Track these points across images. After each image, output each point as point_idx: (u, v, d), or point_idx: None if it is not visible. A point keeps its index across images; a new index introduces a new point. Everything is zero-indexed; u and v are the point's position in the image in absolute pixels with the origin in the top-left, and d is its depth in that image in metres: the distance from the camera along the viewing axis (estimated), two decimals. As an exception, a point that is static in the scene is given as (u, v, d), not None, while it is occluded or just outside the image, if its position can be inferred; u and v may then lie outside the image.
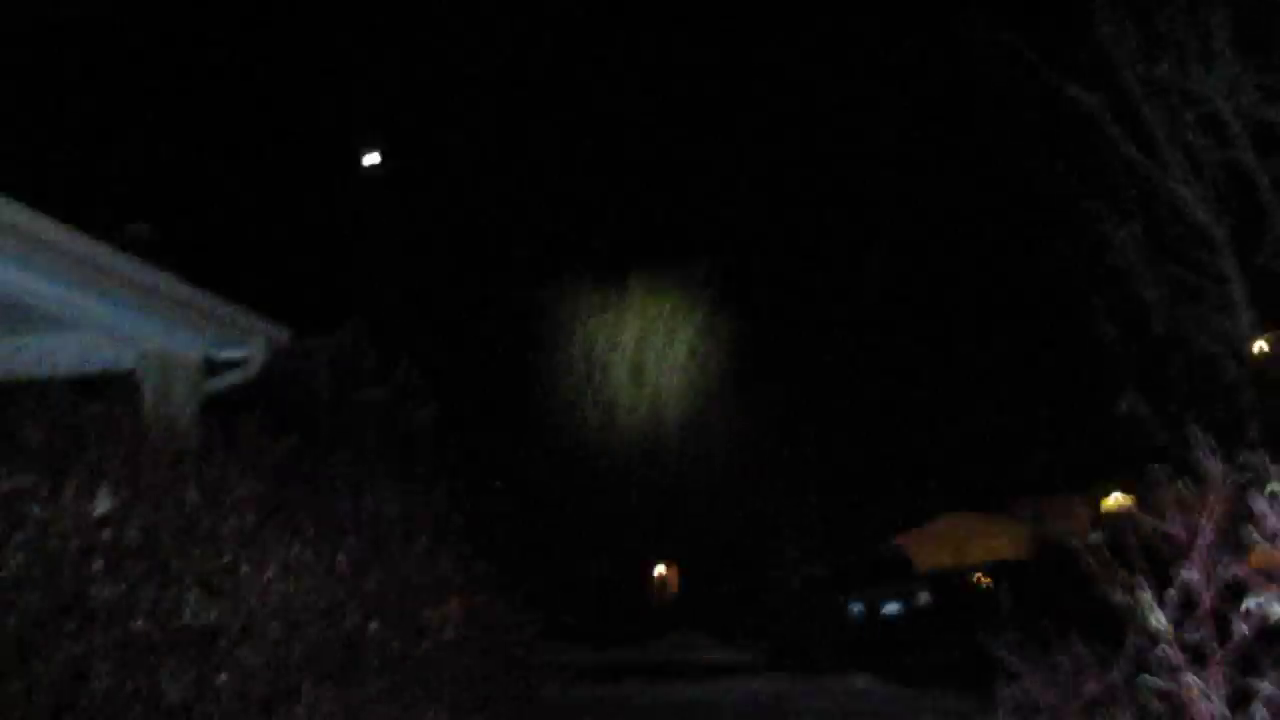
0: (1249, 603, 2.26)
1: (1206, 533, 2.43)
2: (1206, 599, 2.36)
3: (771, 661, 19.04)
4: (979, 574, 23.38)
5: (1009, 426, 28.39)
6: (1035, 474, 28.63)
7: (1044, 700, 3.26)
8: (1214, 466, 2.53)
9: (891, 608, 20.85)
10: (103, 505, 4.10)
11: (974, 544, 29.13)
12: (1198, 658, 2.35)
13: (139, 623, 3.88)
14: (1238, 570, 2.35)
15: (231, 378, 7.89)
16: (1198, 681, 2.28)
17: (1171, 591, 2.47)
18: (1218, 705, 2.27)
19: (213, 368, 7.85)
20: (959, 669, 13.72)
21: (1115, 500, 27.30)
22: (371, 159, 26.98)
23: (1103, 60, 10.67)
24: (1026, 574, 19.31)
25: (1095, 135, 10.74)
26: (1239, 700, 2.28)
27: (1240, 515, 2.34)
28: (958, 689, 12.33)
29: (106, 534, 4.07)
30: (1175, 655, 2.38)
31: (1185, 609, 2.43)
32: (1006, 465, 29.34)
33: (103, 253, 6.19)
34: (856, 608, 21.39)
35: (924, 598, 20.76)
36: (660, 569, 28.83)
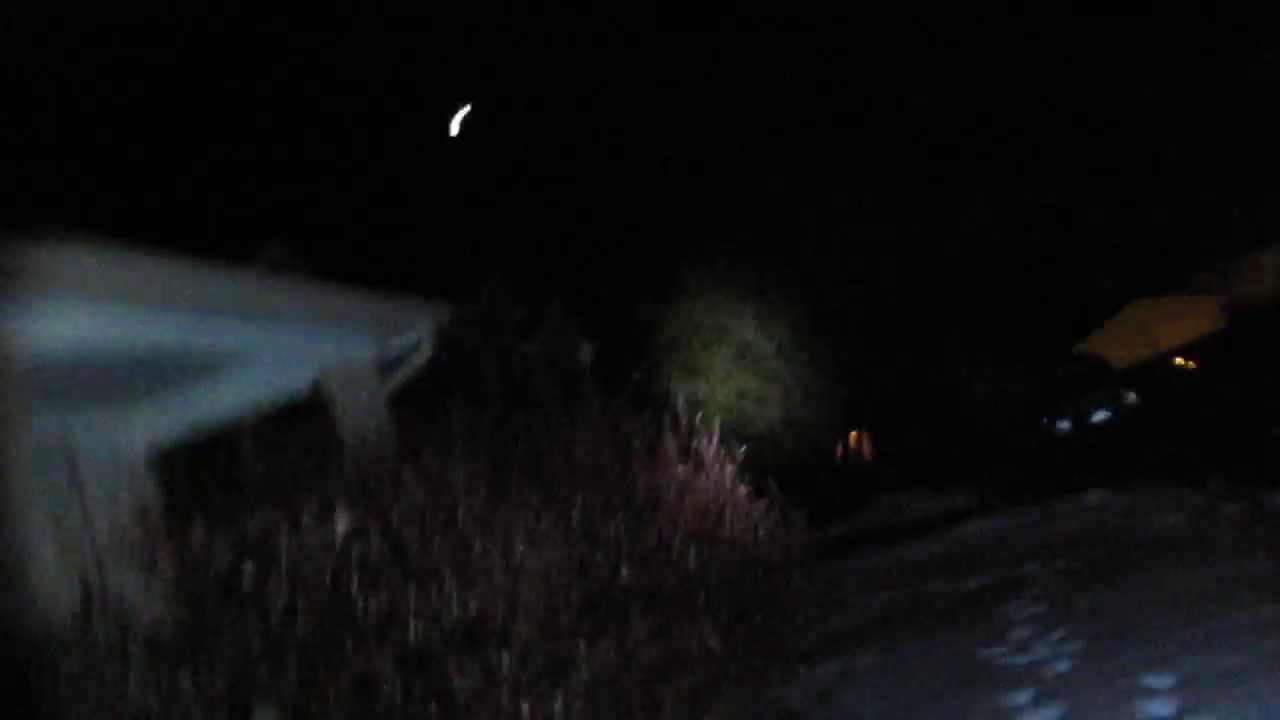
0: None
1: None
2: None
3: (990, 501, 18.73)
4: (1179, 358, 22.42)
5: (1179, 193, 26.52)
6: (1214, 239, 26.93)
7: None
8: None
9: (1100, 415, 20.18)
10: (342, 524, 4.18)
11: (1165, 328, 27.90)
12: None
13: (412, 626, 3.95)
14: None
15: (407, 369, 8.00)
16: None
17: None
18: None
19: (388, 364, 7.97)
20: (1188, 464, 13.22)
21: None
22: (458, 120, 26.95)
23: None
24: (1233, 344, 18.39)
25: None
26: None
27: None
28: (1190, 488, 11.85)
29: (354, 550, 4.15)
30: None
31: None
32: (1181, 238, 27.65)
33: (262, 285, 6.28)
34: (1063, 424, 20.79)
35: (1131, 398, 20.02)
36: (853, 434, 28.65)
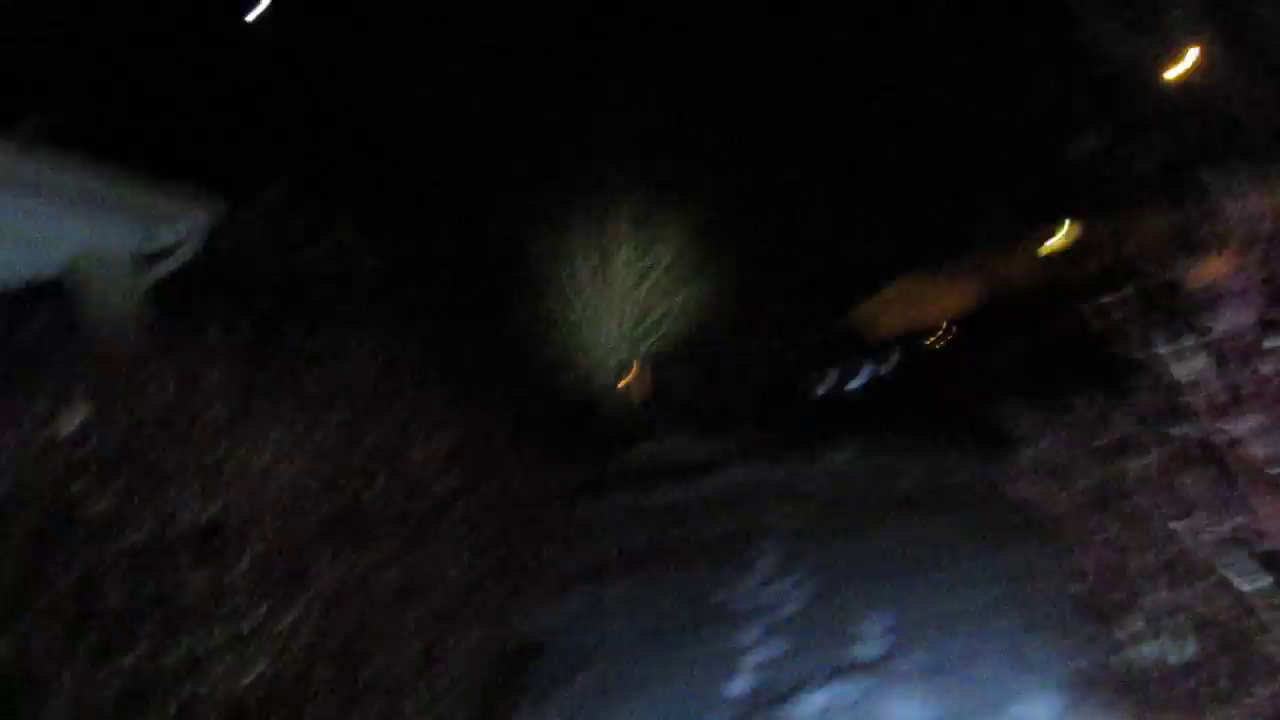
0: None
1: (1242, 274, 2.37)
2: (1246, 337, 2.32)
3: (748, 450, 19.49)
4: (936, 333, 23.84)
5: (950, 179, 28.30)
6: (981, 227, 28.76)
7: (1060, 454, 3.29)
8: (1241, 200, 2.45)
9: (857, 380, 21.30)
10: (73, 421, 3.96)
11: (928, 305, 29.60)
12: (1238, 398, 2.34)
13: (140, 532, 3.81)
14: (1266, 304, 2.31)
15: (170, 264, 7.61)
16: (1250, 422, 2.27)
17: (1194, 338, 2.43)
18: (1267, 438, 2.26)
19: (149, 255, 7.55)
20: (931, 427, 14.18)
21: (1062, 235, 27.55)
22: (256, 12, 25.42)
23: None
24: (982, 320, 19.66)
25: None
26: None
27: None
28: (933, 447, 12.77)
29: (84, 449, 3.95)
30: (1218, 396, 2.36)
31: (1215, 354, 2.41)
32: (951, 221, 29.45)
33: (7, 158, 5.82)
34: (822, 385, 21.84)
35: (886, 366, 21.21)
36: (630, 375, 29.16)
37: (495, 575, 6.62)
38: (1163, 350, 2.48)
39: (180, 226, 7.40)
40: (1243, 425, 2.25)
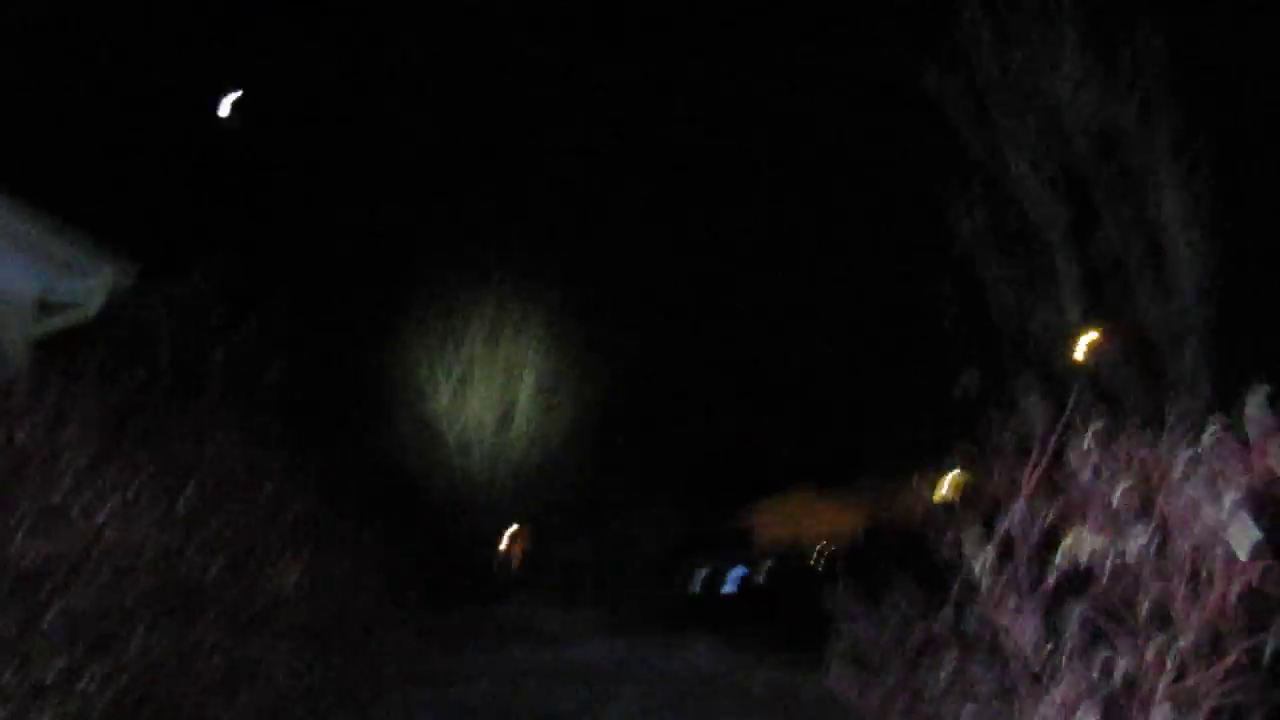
0: (1064, 544, 2.41)
1: (1030, 481, 2.59)
2: (1026, 542, 2.52)
3: (613, 627, 19.26)
4: (819, 547, 24.13)
5: (853, 407, 29.20)
6: (876, 454, 29.51)
7: (872, 647, 3.43)
8: (1041, 415, 2.69)
9: (732, 578, 21.35)
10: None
11: (816, 520, 30.00)
12: (1018, 596, 2.51)
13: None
14: (1055, 514, 2.51)
15: (69, 317, 7.55)
16: (1015, 614, 2.44)
17: (990, 544, 2.62)
18: (1033, 633, 2.43)
19: (50, 306, 7.48)
20: (795, 635, 14.21)
21: (953, 479, 28.27)
22: (226, 109, 26.04)
23: (957, 51, 10.98)
24: (864, 543, 20.00)
25: (943, 125, 11.03)
26: (1053, 629, 2.44)
27: (1062, 465, 2.51)
28: (793, 652, 12.76)
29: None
30: (996, 594, 2.53)
31: (1007, 555, 2.59)
32: (850, 446, 30.20)
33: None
34: (698, 577, 21.83)
35: (764, 569, 21.33)
36: (509, 536, 28.83)
37: (321, 694, 6.44)
38: (964, 548, 2.67)
39: (87, 282, 7.39)
40: (1013, 616, 2.42)
